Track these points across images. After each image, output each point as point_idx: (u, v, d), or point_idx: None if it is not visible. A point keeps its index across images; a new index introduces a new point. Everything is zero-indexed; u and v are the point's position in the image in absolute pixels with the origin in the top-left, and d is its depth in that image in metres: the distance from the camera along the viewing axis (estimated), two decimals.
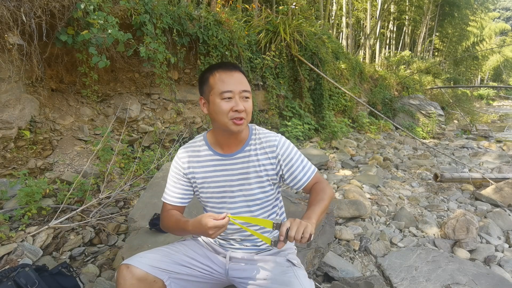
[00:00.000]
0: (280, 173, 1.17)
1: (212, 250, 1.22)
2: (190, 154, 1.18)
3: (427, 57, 20.13)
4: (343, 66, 8.04)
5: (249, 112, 1.08)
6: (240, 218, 1.02)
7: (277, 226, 0.94)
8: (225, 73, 1.07)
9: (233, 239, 1.20)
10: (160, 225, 1.22)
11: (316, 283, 1.87)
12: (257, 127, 1.21)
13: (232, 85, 1.05)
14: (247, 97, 1.08)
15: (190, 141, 1.23)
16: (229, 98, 1.05)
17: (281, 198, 1.30)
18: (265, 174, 1.15)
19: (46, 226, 2.10)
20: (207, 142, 1.18)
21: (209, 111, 1.09)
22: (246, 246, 1.19)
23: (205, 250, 1.21)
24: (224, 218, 0.94)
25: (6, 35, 2.55)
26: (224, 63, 1.10)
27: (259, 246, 1.20)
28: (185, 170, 1.17)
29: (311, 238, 0.91)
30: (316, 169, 1.23)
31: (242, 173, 1.14)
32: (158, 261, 1.06)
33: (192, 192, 1.21)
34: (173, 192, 1.19)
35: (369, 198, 3.30)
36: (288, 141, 1.20)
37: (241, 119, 1.06)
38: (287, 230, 0.90)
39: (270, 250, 1.21)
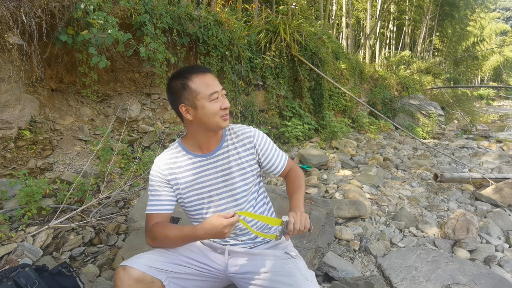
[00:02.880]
0: (259, 161, 1.25)
1: (209, 248, 1.22)
2: (169, 162, 1.18)
3: (427, 57, 20.13)
4: (343, 66, 8.04)
5: (228, 106, 1.16)
6: (246, 214, 1.08)
7: (284, 224, 1.04)
8: (204, 76, 1.11)
9: (229, 237, 1.20)
10: (147, 240, 1.14)
11: None
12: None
13: (215, 86, 1.11)
14: (225, 94, 1.16)
15: (164, 151, 1.23)
16: (217, 98, 1.10)
17: (265, 191, 1.34)
18: (248, 165, 1.20)
19: (46, 226, 2.10)
20: (184, 147, 1.20)
21: (197, 115, 1.10)
22: (242, 240, 1.20)
23: (202, 249, 1.21)
24: (233, 215, 0.98)
25: (6, 35, 2.55)
26: (195, 67, 1.13)
27: (254, 240, 1.22)
28: (167, 177, 1.17)
29: (310, 225, 1.07)
30: (288, 156, 1.35)
31: (224, 169, 1.18)
32: (155, 261, 1.06)
33: (175, 199, 1.20)
34: (159, 201, 1.16)
35: (369, 198, 3.29)
36: (261, 132, 1.28)
37: (227, 114, 1.13)
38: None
39: (266, 243, 1.23)
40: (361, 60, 12.47)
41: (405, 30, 18.39)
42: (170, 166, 1.17)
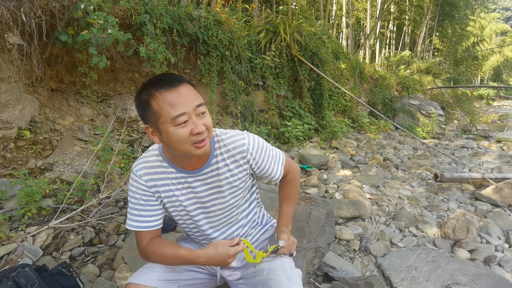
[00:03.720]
0: (252, 173, 1.13)
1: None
2: (150, 171, 1.02)
3: (427, 57, 20.14)
4: (343, 66, 8.04)
5: (210, 127, 0.93)
6: (248, 244, 1.09)
7: (279, 247, 1.12)
8: (169, 92, 0.87)
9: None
10: (140, 255, 1.06)
11: (316, 283, 1.87)
12: (217, 131, 1.06)
13: (184, 105, 0.87)
14: (203, 112, 0.91)
15: (144, 155, 1.05)
16: (185, 121, 0.87)
17: (258, 197, 1.27)
18: (240, 182, 1.08)
19: (46, 226, 2.10)
20: (165, 158, 1.02)
21: (163, 140, 0.92)
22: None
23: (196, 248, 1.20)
24: (238, 243, 0.98)
25: (6, 35, 2.54)
26: (161, 79, 0.90)
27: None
28: (150, 189, 1.02)
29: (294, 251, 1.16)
30: (285, 158, 1.19)
31: (214, 187, 1.05)
32: (164, 273, 1.03)
33: (162, 210, 1.07)
34: (148, 217, 1.03)
35: (369, 198, 3.29)
36: (256, 137, 1.09)
37: (203, 140, 0.90)
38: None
39: (258, 236, 1.24)
40: (361, 60, 12.47)
41: (405, 30, 18.39)
42: (151, 176, 1.02)
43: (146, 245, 1.02)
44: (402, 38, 18.68)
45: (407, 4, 16.53)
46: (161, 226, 1.06)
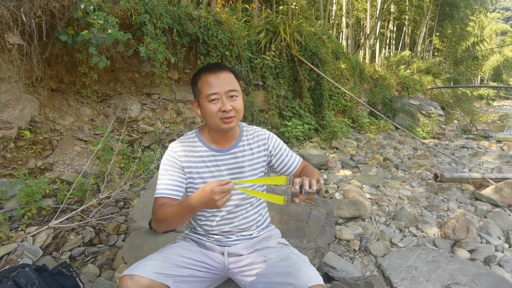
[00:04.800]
0: (270, 163, 1.28)
1: (207, 248, 1.22)
2: (186, 149, 1.18)
3: (427, 57, 20.14)
4: (343, 66, 8.04)
5: (238, 109, 1.12)
6: (243, 181, 1.09)
7: (290, 180, 0.98)
8: (210, 75, 1.10)
9: (229, 232, 1.22)
10: (152, 223, 1.15)
11: None
12: (245, 124, 1.29)
13: (218, 86, 1.08)
14: (235, 96, 1.11)
15: (181, 138, 1.23)
16: (216, 99, 1.09)
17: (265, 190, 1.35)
18: (259, 165, 1.23)
19: (46, 226, 2.10)
20: (201, 139, 1.21)
21: (201, 113, 1.14)
22: (243, 236, 1.23)
23: (199, 248, 1.21)
24: (227, 183, 0.91)
25: (6, 35, 2.55)
26: (211, 65, 1.13)
27: (252, 235, 1.25)
28: (182, 164, 1.16)
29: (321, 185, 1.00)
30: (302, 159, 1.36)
31: (236, 167, 1.20)
32: (161, 267, 1.04)
33: (185, 187, 1.19)
34: (169, 185, 1.14)
35: (369, 198, 3.29)
36: (275, 135, 1.30)
37: (230, 117, 1.10)
38: (301, 186, 0.95)
39: (262, 234, 1.26)
40: (361, 60, 12.47)
41: (405, 30, 18.39)
42: (187, 153, 1.17)
43: (157, 207, 1.11)
44: (402, 38, 18.68)
45: (407, 4, 16.53)
46: (177, 198, 1.15)
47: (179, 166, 1.16)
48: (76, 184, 2.50)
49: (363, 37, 14.75)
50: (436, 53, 23.42)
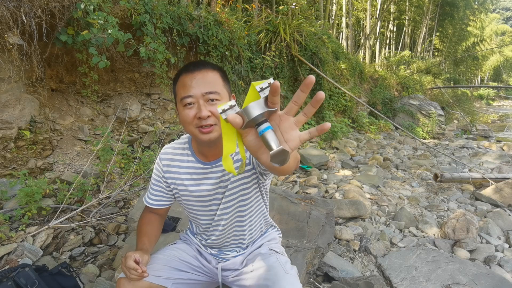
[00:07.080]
0: (257, 167, 1.03)
1: (202, 256, 1.21)
2: (173, 157, 1.10)
3: (427, 57, 20.12)
4: (343, 66, 8.04)
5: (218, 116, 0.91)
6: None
7: (261, 89, 0.58)
8: (187, 75, 0.92)
9: (226, 247, 1.18)
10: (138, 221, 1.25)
11: (316, 283, 1.87)
12: None
13: (193, 88, 0.90)
14: (215, 100, 0.91)
15: (176, 141, 1.13)
16: (192, 103, 0.91)
17: (267, 202, 1.20)
18: (252, 178, 1.05)
19: (46, 226, 2.10)
20: (191, 147, 1.08)
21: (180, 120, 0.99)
22: (237, 253, 1.19)
23: (195, 252, 1.20)
24: (143, 272, 0.94)
25: (6, 35, 2.54)
26: (190, 63, 0.95)
27: (245, 247, 1.19)
28: (164, 174, 1.11)
29: None
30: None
31: (224, 180, 1.04)
32: (159, 270, 1.04)
33: (172, 196, 1.16)
34: (152, 194, 1.16)
35: (369, 198, 3.29)
36: None
37: (209, 126, 0.90)
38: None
39: (257, 242, 1.20)
40: (361, 60, 12.46)
41: (405, 30, 18.39)
42: (173, 163, 1.09)
43: (143, 213, 1.20)
44: (402, 38, 18.68)
45: (407, 4, 16.53)
46: (162, 208, 1.17)
47: (161, 176, 1.12)
48: (76, 184, 2.50)
49: (363, 37, 14.75)
50: (436, 53, 23.42)
